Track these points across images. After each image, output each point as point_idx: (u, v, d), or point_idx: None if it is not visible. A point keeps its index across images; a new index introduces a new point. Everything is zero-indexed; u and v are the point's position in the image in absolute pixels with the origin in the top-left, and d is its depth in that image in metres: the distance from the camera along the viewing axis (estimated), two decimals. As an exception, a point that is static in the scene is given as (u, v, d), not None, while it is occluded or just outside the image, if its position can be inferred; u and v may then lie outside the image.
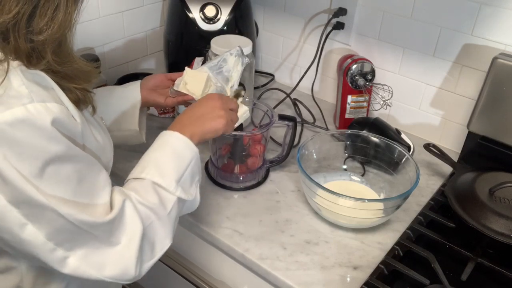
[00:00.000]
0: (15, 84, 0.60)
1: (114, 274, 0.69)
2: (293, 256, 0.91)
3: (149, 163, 0.79)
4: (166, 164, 0.79)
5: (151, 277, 1.31)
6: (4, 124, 0.57)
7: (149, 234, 0.74)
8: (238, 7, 1.33)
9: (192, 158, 0.82)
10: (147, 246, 0.74)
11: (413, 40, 1.20)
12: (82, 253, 0.67)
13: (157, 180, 0.77)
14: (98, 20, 1.34)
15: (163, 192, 0.77)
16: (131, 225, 0.71)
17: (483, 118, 1.07)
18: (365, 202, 0.96)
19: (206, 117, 0.87)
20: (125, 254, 0.70)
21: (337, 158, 1.12)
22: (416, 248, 0.91)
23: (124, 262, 0.70)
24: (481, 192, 0.97)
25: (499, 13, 1.05)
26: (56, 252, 0.65)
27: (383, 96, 1.27)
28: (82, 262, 0.67)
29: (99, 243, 0.68)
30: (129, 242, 0.70)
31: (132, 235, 0.71)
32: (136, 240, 0.71)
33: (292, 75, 1.52)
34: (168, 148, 0.81)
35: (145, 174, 0.77)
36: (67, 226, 0.63)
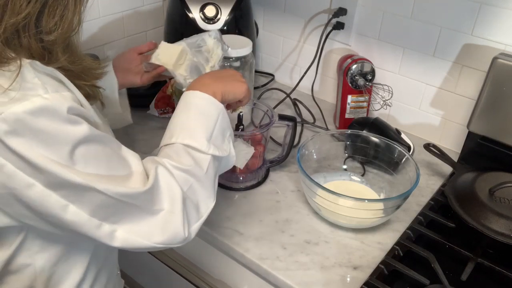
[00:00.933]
0: (29, 77, 0.61)
1: (164, 240, 0.70)
2: (293, 256, 0.91)
3: (176, 127, 0.79)
4: (193, 125, 0.78)
5: (151, 277, 1.31)
6: (25, 114, 0.58)
7: (191, 196, 0.74)
8: (238, 7, 1.33)
9: (218, 114, 0.81)
10: (192, 208, 0.74)
11: (413, 40, 1.20)
12: (128, 224, 0.68)
13: (188, 142, 0.76)
14: (98, 20, 1.34)
15: (196, 153, 0.77)
16: (169, 191, 0.71)
17: (483, 118, 1.07)
18: (365, 202, 0.96)
19: (228, 79, 0.87)
20: (171, 218, 0.71)
21: (337, 158, 1.12)
22: (416, 248, 0.91)
23: (171, 226, 0.71)
24: (481, 192, 0.96)
25: (499, 13, 1.05)
26: (103, 228, 0.66)
27: (383, 96, 1.27)
28: (130, 234, 0.68)
29: (143, 212, 0.69)
30: (172, 207, 0.71)
31: (173, 199, 0.71)
32: (178, 203, 0.71)
33: (292, 75, 1.52)
34: (193, 108, 0.80)
35: (175, 139, 0.77)
36: (108, 201, 0.64)
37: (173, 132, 0.78)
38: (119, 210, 0.67)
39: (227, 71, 0.91)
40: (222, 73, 0.89)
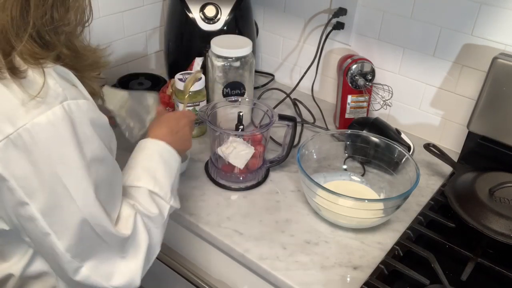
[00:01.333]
0: (51, 83, 0.61)
1: (120, 284, 0.72)
2: (293, 256, 0.91)
3: (142, 172, 0.81)
4: (159, 173, 0.81)
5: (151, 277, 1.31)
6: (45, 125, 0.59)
7: (152, 251, 0.78)
8: (238, 7, 1.33)
9: (177, 167, 0.87)
10: (148, 257, 0.77)
11: (413, 40, 1.20)
12: (94, 263, 0.69)
13: (154, 189, 0.79)
14: (98, 20, 1.33)
15: (160, 201, 0.80)
16: (140, 240, 0.74)
17: (483, 118, 1.07)
18: (365, 202, 0.96)
19: (182, 137, 0.91)
20: (132, 265, 0.73)
21: (337, 158, 1.12)
22: (416, 248, 0.91)
23: (131, 273, 0.73)
24: (481, 192, 0.96)
25: (499, 13, 1.05)
26: (71, 264, 0.67)
27: (383, 96, 1.27)
28: (92, 272, 0.69)
29: (110, 254, 0.71)
30: (137, 254, 0.74)
31: (140, 248, 0.74)
32: (143, 252, 0.74)
33: (292, 75, 1.52)
34: (156, 156, 0.83)
35: (142, 183, 0.79)
36: (90, 236, 0.66)
37: (140, 175, 0.80)
38: (93, 248, 0.68)
39: (182, 123, 0.93)
40: (178, 127, 0.91)
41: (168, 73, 1.45)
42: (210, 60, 1.21)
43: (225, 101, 1.13)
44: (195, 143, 1.21)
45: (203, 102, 1.20)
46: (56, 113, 0.59)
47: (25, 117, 0.58)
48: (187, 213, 1.00)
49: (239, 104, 1.13)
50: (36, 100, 0.59)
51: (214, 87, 1.23)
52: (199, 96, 1.19)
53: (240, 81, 1.22)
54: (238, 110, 1.09)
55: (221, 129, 1.05)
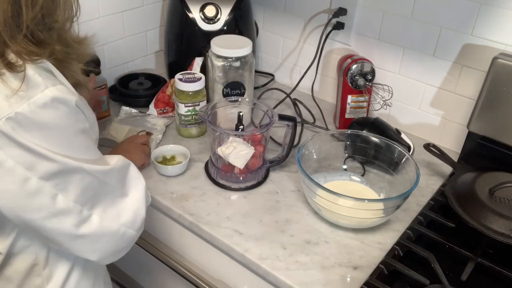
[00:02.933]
0: (30, 73, 0.65)
1: (129, 220, 0.79)
2: (293, 256, 0.91)
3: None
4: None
5: (150, 276, 1.31)
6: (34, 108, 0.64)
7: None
8: (238, 7, 1.33)
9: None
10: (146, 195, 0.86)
11: (413, 40, 1.20)
12: (102, 209, 0.75)
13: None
14: (98, 20, 1.34)
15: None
16: (136, 180, 0.83)
17: (483, 118, 1.07)
18: (365, 202, 0.96)
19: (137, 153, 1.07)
20: (135, 198, 0.82)
21: (337, 158, 1.12)
22: (416, 248, 0.91)
23: (135, 205, 0.81)
24: (481, 192, 0.97)
25: (499, 13, 1.05)
26: (82, 214, 0.73)
27: (383, 96, 1.27)
28: (103, 217, 0.75)
29: (113, 195, 0.78)
30: (137, 186, 0.83)
31: (138, 180, 0.84)
32: (142, 183, 0.84)
33: (292, 75, 1.52)
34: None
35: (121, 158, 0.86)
36: (91, 181, 0.72)
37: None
38: (97, 193, 0.74)
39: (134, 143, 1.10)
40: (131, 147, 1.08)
41: (168, 73, 1.45)
42: (210, 60, 1.21)
43: (225, 101, 1.13)
44: (195, 143, 1.21)
45: (203, 102, 1.20)
46: (37, 100, 0.64)
47: (8, 109, 0.63)
48: (187, 213, 1.00)
49: (239, 104, 1.13)
50: (18, 94, 0.64)
51: (214, 87, 1.23)
52: (199, 96, 1.19)
53: (240, 81, 1.22)
54: (238, 110, 1.09)
55: (221, 129, 1.05)
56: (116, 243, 0.79)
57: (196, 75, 1.19)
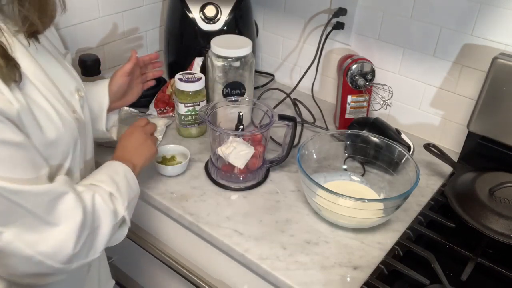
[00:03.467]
0: None
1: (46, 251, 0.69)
2: (293, 256, 0.91)
3: (107, 177, 0.82)
4: (121, 185, 0.84)
5: (150, 276, 1.31)
6: None
7: (93, 235, 0.75)
8: (238, 7, 1.33)
9: (137, 194, 0.89)
10: (87, 245, 0.74)
11: (413, 40, 1.20)
12: (17, 230, 0.66)
13: (115, 193, 0.80)
14: (98, 20, 1.34)
15: (117, 203, 0.81)
16: (70, 212, 0.71)
17: (483, 118, 1.07)
18: (365, 202, 0.96)
19: (141, 149, 0.96)
20: (62, 236, 0.70)
21: (337, 158, 1.12)
22: (416, 248, 0.91)
23: (60, 244, 0.70)
24: (481, 192, 0.97)
25: (499, 13, 1.05)
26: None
27: (383, 96, 1.27)
28: (15, 238, 0.67)
29: (34, 219, 0.68)
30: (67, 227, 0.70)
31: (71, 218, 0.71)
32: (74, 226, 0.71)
33: (292, 75, 1.52)
34: (122, 174, 0.86)
35: (104, 184, 0.80)
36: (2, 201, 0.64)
37: (104, 179, 0.82)
38: (11, 213, 0.66)
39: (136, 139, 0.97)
40: (133, 145, 0.96)
41: (168, 73, 1.45)
42: (210, 60, 1.21)
43: (225, 101, 1.13)
44: (195, 143, 1.21)
45: (203, 102, 1.20)
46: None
47: None
48: (187, 213, 1.00)
49: (239, 104, 1.13)
50: None
51: (214, 87, 1.23)
52: (199, 96, 1.19)
53: (240, 81, 1.22)
54: (238, 110, 1.09)
55: (221, 129, 1.05)
56: (31, 267, 0.70)
57: (196, 75, 1.19)
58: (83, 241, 0.73)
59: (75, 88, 0.84)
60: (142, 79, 1.14)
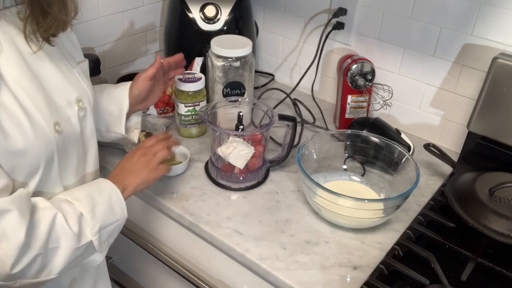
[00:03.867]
0: None
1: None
2: (293, 256, 0.91)
3: (85, 196, 0.79)
4: (99, 207, 0.80)
5: (150, 276, 1.31)
6: None
7: (48, 256, 0.72)
8: (238, 7, 1.33)
9: (120, 219, 0.84)
10: (37, 265, 0.71)
11: (413, 40, 1.20)
12: None
13: (86, 214, 0.77)
14: (98, 20, 1.34)
15: (85, 227, 0.77)
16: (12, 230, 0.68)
17: (483, 118, 1.07)
18: (365, 202, 0.96)
19: (135, 170, 0.90)
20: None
21: (337, 158, 1.12)
22: (416, 248, 0.91)
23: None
24: (481, 192, 0.97)
25: (499, 13, 1.05)
26: None
27: (383, 96, 1.27)
28: None
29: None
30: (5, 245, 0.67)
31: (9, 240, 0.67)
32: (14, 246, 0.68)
33: (292, 75, 1.52)
34: (106, 194, 0.82)
35: (79, 203, 0.77)
36: None
37: (81, 198, 0.78)
38: None
39: (132, 158, 0.91)
40: (129, 164, 0.90)
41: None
42: (210, 60, 1.21)
43: (225, 101, 1.13)
44: (195, 143, 1.21)
45: (203, 102, 1.20)
46: None
47: None
48: (187, 213, 1.00)
49: (239, 104, 1.13)
50: None
51: (214, 87, 1.23)
52: (199, 96, 1.19)
53: (240, 81, 1.22)
54: (238, 110, 1.09)
55: (221, 129, 1.05)
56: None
57: (196, 75, 1.19)
58: (27, 261, 0.69)
59: (75, 98, 0.81)
60: (164, 79, 1.10)
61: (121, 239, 1.21)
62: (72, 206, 0.76)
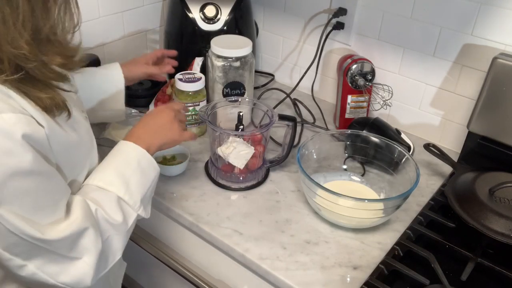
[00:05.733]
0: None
1: (68, 282, 0.72)
2: (293, 256, 0.91)
3: (117, 177, 0.80)
4: (132, 180, 0.81)
5: (150, 276, 1.31)
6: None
7: (106, 248, 0.76)
8: (238, 7, 1.33)
9: (155, 177, 0.86)
10: (103, 259, 0.75)
11: (413, 40, 1.20)
12: (40, 262, 0.68)
13: (123, 195, 0.79)
14: (98, 20, 1.34)
15: (127, 208, 0.80)
16: (90, 242, 0.72)
17: (483, 118, 1.07)
18: (365, 202, 0.96)
19: (162, 130, 0.90)
20: (81, 266, 0.72)
21: (337, 158, 1.12)
22: (416, 248, 0.91)
23: (80, 273, 0.72)
24: (481, 192, 0.96)
25: (499, 13, 1.05)
26: (13, 261, 0.67)
27: (383, 96, 1.27)
28: (39, 270, 0.69)
29: (57, 256, 0.70)
30: (87, 256, 0.72)
31: (89, 251, 0.72)
32: (94, 255, 0.73)
33: (292, 75, 1.52)
34: (133, 162, 0.83)
35: (113, 188, 0.78)
36: (20, 241, 0.65)
37: (113, 180, 0.79)
38: (33, 250, 0.67)
39: (161, 119, 0.91)
40: (156, 124, 0.90)
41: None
42: (210, 60, 1.21)
43: (225, 101, 1.13)
44: (195, 143, 1.21)
45: (203, 102, 1.20)
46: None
47: None
48: (187, 213, 1.00)
49: (239, 104, 1.13)
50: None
51: (214, 87, 1.23)
52: (199, 96, 1.19)
53: (240, 81, 1.22)
54: (238, 110, 1.09)
55: (221, 129, 1.05)
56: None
57: (196, 75, 1.19)
58: (100, 264, 0.75)
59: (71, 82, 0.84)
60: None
61: (121, 239, 1.21)
62: (108, 194, 0.78)
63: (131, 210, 0.80)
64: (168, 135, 0.90)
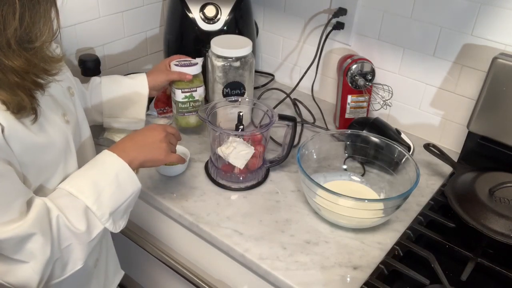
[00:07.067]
0: None
1: (13, 282, 0.71)
2: (293, 256, 0.91)
3: (89, 185, 0.78)
4: (105, 192, 0.78)
5: (151, 277, 1.31)
6: None
7: (64, 255, 0.75)
8: (238, 7, 1.33)
9: (133, 193, 0.83)
10: (59, 266, 0.74)
11: (413, 40, 1.20)
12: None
13: (92, 206, 0.77)
14: (98, 20, 1.34)
15: (94, 219, 0.77)
16: (40, 249, 0.71)
17: (483, 118, 1.07)
18: (365, 202, 0.96)
19: (149, 147, 0.87)
20: (26, 270, 0.71)
21: (337, 158, 1.12)
22: (416, 248, 0.91)
23: (25, 277, 0.71)
24: (481, 192, 0.97)
25: (499, 13, 1.05)
26: None
27: (383, 96, 1.27)
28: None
29: (4, 256, 0.69)
30: (33, 261, 0.71)
31: (36, 256, 0.71)
32: (40, 261, 0.71)
33: (292, 75, 1.52)
34: (112, 176, 0.80)
35: (82, 196, 0.76)
36: None
37: (84, 188, 0.77)
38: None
39: (150, 135, 0.89)
40: (145, 139, 0.88)
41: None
42: (210, 60, 1.21)
43: (225, 101, 1.13)
44: (195, 143, 1.21)
45: (201, 88, 1.18)
46: None
47: None
48: (187, 213, 1.00)
49: (239, 104, 1.13)
50: None
51: (214, 87, 1.23)
52: (196, 81, 1.17)
53: (240, 81, 1.22)
54: (238, 110, 1.09)
55: (221, 129, 1.05)
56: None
57: (192, 61, 1.18)
58: (50, 269, 0.73)
59: (67, 87, 0.84)
60: None
61: (120, 238, 1.21)
62: (76, 201, 0.76)
63: (97, 221, 0.77)
64: (154, 153, 0.87)
